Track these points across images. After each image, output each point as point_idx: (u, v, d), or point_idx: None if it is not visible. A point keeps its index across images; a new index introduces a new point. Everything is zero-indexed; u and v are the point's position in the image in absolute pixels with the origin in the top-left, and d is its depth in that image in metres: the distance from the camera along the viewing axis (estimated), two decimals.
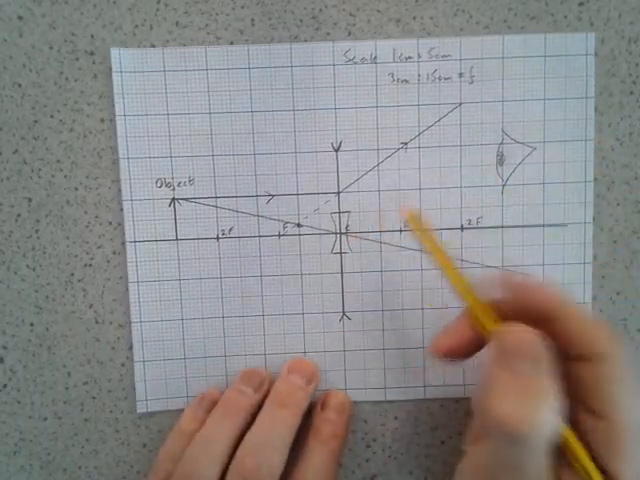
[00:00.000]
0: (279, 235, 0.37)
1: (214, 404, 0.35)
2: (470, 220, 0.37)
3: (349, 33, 0.36)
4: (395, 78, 0.36)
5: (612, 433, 0.25)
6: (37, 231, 0.36)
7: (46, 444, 0.38)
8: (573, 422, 0.26)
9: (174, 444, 0.35)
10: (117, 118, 0.35)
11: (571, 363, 0.27)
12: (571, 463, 0.26)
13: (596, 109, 0.36)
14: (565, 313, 0.27)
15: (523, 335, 0.27)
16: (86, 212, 0.36)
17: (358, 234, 0.37)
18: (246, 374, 0.36)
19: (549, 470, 0.25)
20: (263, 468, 0.32)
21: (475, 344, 0.31)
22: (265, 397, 0.35)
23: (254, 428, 0.34)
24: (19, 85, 0.35)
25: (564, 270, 0.37)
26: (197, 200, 0.36)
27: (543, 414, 0.25)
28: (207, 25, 0.35)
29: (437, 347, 0.31)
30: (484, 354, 0.29)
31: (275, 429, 0.33)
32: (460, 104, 0.36)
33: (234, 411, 0.34)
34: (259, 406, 0.35)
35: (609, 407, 0.25)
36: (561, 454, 0.26)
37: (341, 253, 0.37)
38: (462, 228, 0.37)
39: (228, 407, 0.35)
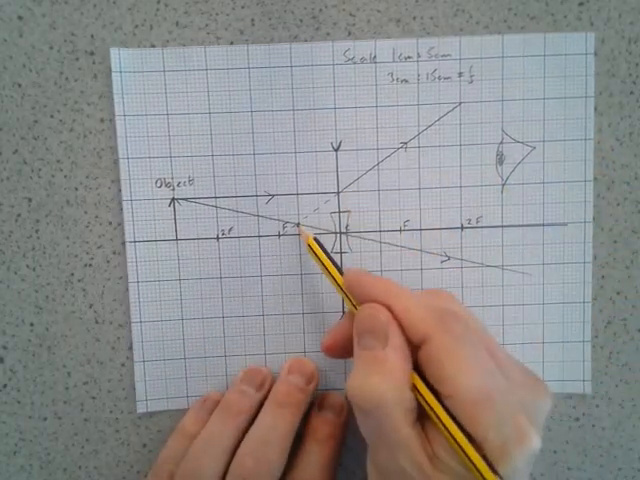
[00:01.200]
0: (279, 235, 0.37)
1: (216, 406, 0.36)
2: (470, 219, 0.37)
3: (349, 33, 0.36)
4: (395, 78, 0.36)
5: (459, 407, 0.25)
6: (37, 231, 0.36)
7: (46, 444, 0.38)
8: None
9: (176, 445, 0.35)
10: (117, 118, 0.35)
11: (416, 351, 0.28)
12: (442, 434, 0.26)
13: (596, 109, 0.36)
14: (393, 303, 0.29)
15: (366, 311, 0.29)
16: (86, 212, 0.36)
17: (358, 234, 0.37)
18: (248, 373, 0.36)
19: (415, 440, 0.26)
20: (262, 468, 0.32)
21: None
22: (267, 395, 0.35)
23: (254, 428, 0.34)
24: (19, 85, 0.35)
25: (564, 269, 0.37)
26: (197, 200, 0.36)
27: (385, 384, 0.26)
28: (207, 25, 0.35)
29: (322, 345, 0.33)
30: None
31: (275, 429, 0.34)
32: (460, 104, 0.36)
33: (235, 412, 0.34)
34: (260, 405, 0.35)
35: (444, 386, 0.26)
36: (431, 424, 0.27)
37: (341, 253, 0.37)
38: (462, 227, 0.37)
39: (230, 408, 0.35)
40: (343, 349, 0.32)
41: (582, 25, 0.36)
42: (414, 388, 0.27)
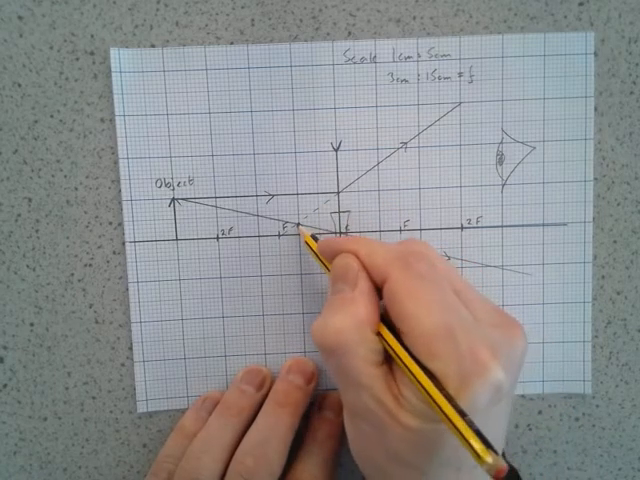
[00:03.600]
0: (279, 235, 0.37)
1: (216, 405, 0.36)
2: (470, 219, 0.37)
3: (349, 33, 0.36)
4: (395, 78, 0.36)
5: (418, 342, 0.26)
6: (37, 231, 0.36)
7: (46, 444, 0.38)
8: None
9: (176, 444, 0.35)
10: (117, 118, 0.35)
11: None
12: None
13: (596, 109, 0.36)
14: (359, 249, 0.29)
15: (340, 260, 0.30)
16: (86, 212, 0.36)
17: (358, 234, 0.37)
18: (248, 372, 0.36)
19: (379, 380, 0.26)
20: (262, 467, 0.32)
21: None
22: (267, 395, 0.35)
23: (254, 428, 0.34)
24: (19, 85, 0.35)
25: (564, 269, 0.37)
26: (197, 200, 0.36)
27: (347, 322, 0.27)
28: (207, 25, 0.35)
29: None
30: None
31: (274, 429, 0.34)
32: (460, 103, 0.36)
33: (235, 411, 0.34)
34: (260, 404, 0.35)
35: (403, 322, 0.26)
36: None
37: None
38: (462, 227, 0.37)
39: (229, 407, 0.35)
40: None
41: (582, 25, 0.36)
42: (378, 330, 0.27)
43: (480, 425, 0.23)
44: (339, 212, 0.37)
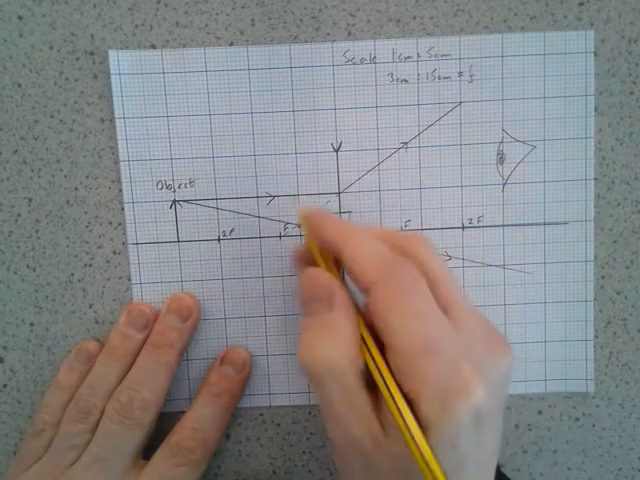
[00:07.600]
0: (280, 236, 0.37)
1: (90, 355, 0.36)
2: (471, 219, 0.37)
3: (349, 33, 0.36)
4: (395, 78, 0.36)
5: (399, 358, 0.25)
6: (37, 231, 0.36)
7: None
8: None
9: (52, 397, 0.35)
10: (117, 121, 0.35)
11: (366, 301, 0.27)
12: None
13: (596, 109, 0.36)
14: (343, 250, 0.28)
15: (307, 279, 0.29)
16: (86, 212, 0.36)
17: None
18: (131, 314, 0.36)
19: (367, 404, 0.26)
20: (135, 404, 0.33)
21: None
22: None
23: (132, 369, 0.35)
24: (19, 85, 0.35)
25: (565, 268, 0.37)
26: (198, 202, 0.36)
27: (336, 347, 0.26)
28: (207, 25, 0.35)
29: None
30: None
31: (148, 369, 0.34)
32: (460, 103, 0.36)
33: (119, 355, 0.35)
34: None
35: (384, 335, 0.25)
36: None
37: None
38: (463, 227, 0.37)
39: (113, 352, 0.35)
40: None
41: (582, 25, 0.36)
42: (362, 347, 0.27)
43: (466, 450, 0.23)
44: (340, 213, 0.37)
